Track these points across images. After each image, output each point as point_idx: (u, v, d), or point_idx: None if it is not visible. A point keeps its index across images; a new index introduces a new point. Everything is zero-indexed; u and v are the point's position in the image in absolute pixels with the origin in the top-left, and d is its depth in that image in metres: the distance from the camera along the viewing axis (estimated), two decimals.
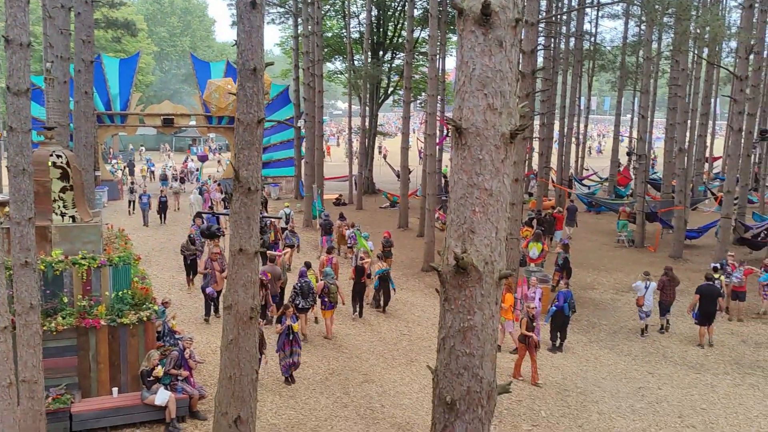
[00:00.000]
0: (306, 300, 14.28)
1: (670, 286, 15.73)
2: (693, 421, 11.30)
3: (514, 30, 3.94)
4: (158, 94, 71.65)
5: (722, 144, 47.55)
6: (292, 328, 12.08)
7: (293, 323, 12.17)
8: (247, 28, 7.51)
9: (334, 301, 14.76)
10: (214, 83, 32.12)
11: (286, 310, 12.37)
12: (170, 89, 78.90)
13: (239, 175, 7.92)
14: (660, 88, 45.83)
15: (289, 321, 12.13)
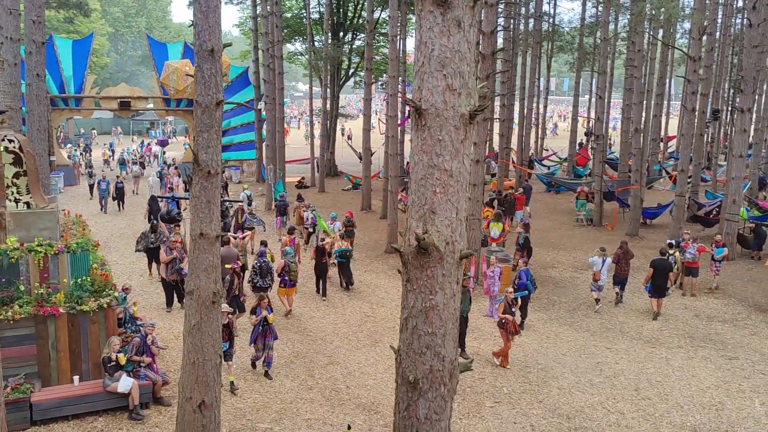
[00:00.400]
0: (264, 279, 14.56)
1: (625, 260, 16.38)
2: (648, 393, 11.66)
3: (472, 10, 3.96)
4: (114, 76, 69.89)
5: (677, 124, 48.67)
6: (267, 320, 11.68)
7: (268, 314, 11.73)
8: (203, 8, 7.37)
9: (295, 279, 15.05)
10: (172, 65, 31.42)
11: (261, 301, 11.79)
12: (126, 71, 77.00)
13: (199, 159, 7.81)
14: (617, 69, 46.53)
15: (264, 312, 11.67)
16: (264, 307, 11.75)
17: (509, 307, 12.75)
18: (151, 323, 11.47)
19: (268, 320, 11.71)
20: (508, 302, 12.81)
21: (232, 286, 13.90)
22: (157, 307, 15.38)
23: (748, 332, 14.88)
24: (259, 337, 11.76)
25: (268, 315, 11.71)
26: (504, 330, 12.60)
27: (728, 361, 13.17)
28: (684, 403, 11.34)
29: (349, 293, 17.05)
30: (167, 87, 31.89)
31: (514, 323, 12.64)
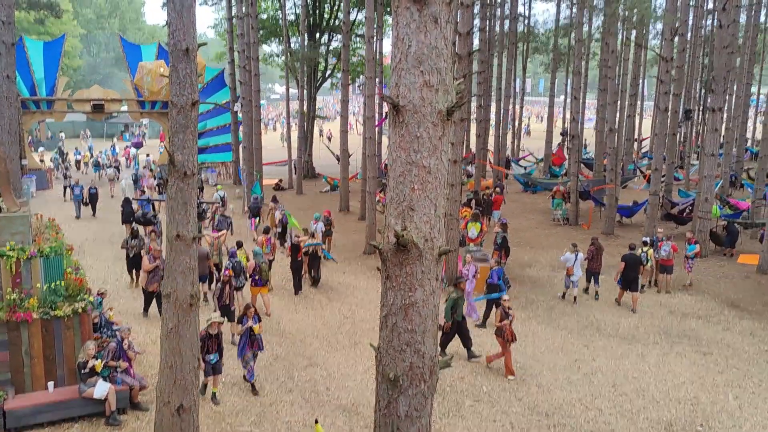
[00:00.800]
0: (237, 279, 14.65)
1: (597, 255, 16.96)
2: (625, 390, 11.79)
3: (449, 7, 3.97)
4: (87, 78, 68.94)
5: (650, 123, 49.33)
6: (252, 330, 11.22)
7: (254, 324, 11.26)
8: (177, 7, 7.30)
9: (266, 278, 15.12)
10: (146, 66, 31.16)
11: (248, 311, 11.31)
12: (100, 74, 75.99)
13: (174, 160, 7.73)
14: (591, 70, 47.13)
15: (250, 322, 11.21)
16: (251, 317, 11.28)
17: (505, 314, 12.38)
18: (127, 327, 11.32)
19: (254, 330, 11.22)
20: (505, 310, 12.47)
21: (222, 294, 13.50)
22: (134, 312, 15.18)
23: (721, 328, 15.12)
24: (247, 347, 11.33)
25: (254, 325, 11.24)
26: (501, 338, 12.31)
27: (702, 357, 13.38)
28: (660, 398, 11.49)
29: (328, 295, 17.01)
30: (141, 89, 31.63)
31: (511, 330, 12.29)
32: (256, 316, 11.46)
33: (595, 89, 31.05)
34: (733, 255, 21.07)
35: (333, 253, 20.16)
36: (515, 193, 33.02)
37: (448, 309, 12.74)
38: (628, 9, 21.63)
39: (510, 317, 12.40)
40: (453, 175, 17.95)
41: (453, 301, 12.86)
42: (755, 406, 11.23)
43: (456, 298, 12.95)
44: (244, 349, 11.31)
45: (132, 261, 17.01)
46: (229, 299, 13.55)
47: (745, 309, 16.42)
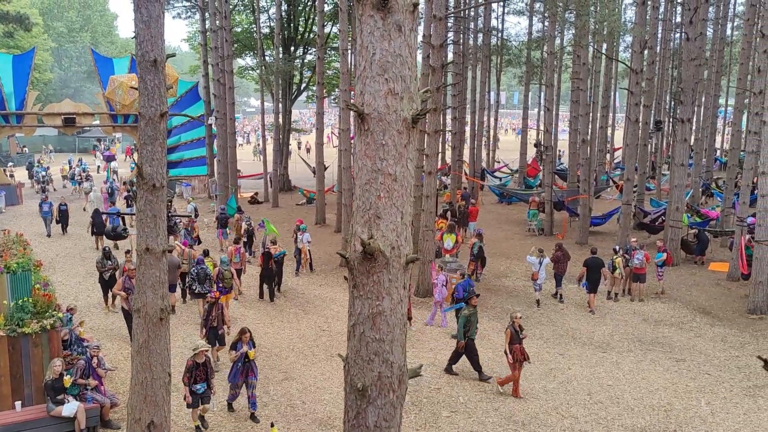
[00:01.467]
0: (202, 286, 14.85)
1: (563, 260, 17.65)
2: (601, 398, 11.86)
3: (413, 15, 3.98)
4: (58, 92, 68.10)
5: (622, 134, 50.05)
6: (247, 356, 10.65)
7: (249, 350, 10.68)
8: (145, 18, 7.24)
9: (228, 286, 15.35)
10: (117, 79, 30.85)
11: (242, 336, 10.74)
12: (71, 87, 75.15)
13: (143, 172, 7.64)
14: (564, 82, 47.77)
15: (245, 347, 10.65)
16: (245, 342, 10.70)
17: (517, 335, 11.72)
18: (96, 345, 11.10)
19: (249, 356, 10.67)
20: (515, 329, 11.76)
21: (209, 316, 12.76)
22: (105, 328, 14.94)
23: (693, 334, 15.31)
24: (240, 375, 10.75)
25: (249, 351, 10.68)
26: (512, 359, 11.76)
27: (675, 363, 13.51)
28: (634, 405, 11.57)
29: (304, 307, 16.91)
30: (113, 102, 31.32)
31: (522, 350, 11.67)
32: (251, 341, 10.87)
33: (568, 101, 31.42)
34: (704, 263, 21.39)
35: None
36: (491, 204, 33.22)
37: (461, 327, 12.42)
38: (598, 22, 21.99)
39: (522, 336, 11.81)
40: (428, 186, 18.04)
41: (465, 319, 12.46)
42: (727, 411, 11.35)
43: (468, 315, 12.52)
44: (237, 375, 10.76)
45: (107, 284, 16.03)
46: (217, 321, 12.81)
47: (716, 316, 16.66)
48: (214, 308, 12.78)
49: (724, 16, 36.65)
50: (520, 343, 11.68)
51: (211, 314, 12.75)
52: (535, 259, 17.14)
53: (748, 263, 17.95)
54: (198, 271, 14.93)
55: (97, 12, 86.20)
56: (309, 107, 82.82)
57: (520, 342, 11.71)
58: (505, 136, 77.61)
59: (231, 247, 18.16)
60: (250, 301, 17.24)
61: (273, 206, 31.98)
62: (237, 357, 10.67)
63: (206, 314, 12.84)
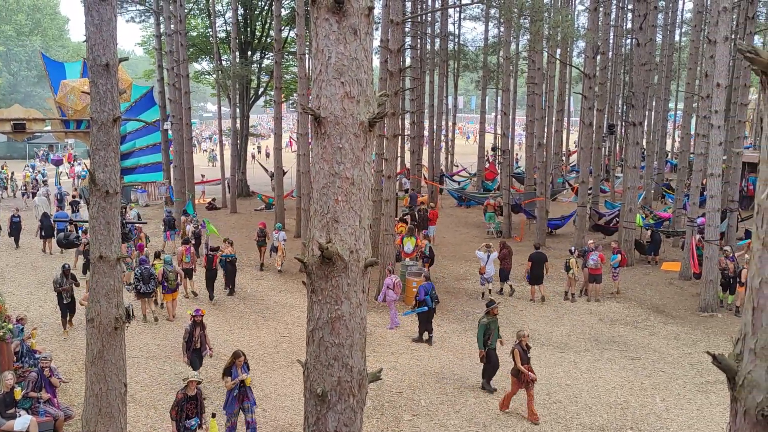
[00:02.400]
0: (147, 285, 15.33)
1: (509, 257, 18.50)
2: (559, 397, 12.04)
3: (368, 18, 3.99)
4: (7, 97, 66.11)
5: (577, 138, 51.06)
6: (244, 382, 9.90)
7: (246, 375, 9.94)
8: (96, 21, 7.08)
9: (173, 286, 15.78)
10: (69, 84, 30.07)
11: (236, 360, 9.95)
12: (21, 92, 72.97)
13: (95, 178, 7.46)
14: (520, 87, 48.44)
15: (241, 374, 9.86)
16: (239, 366, 9.94)
17: (524, 354, 11.11)
18: (45, 356, 10.77)
19: (245, 383, 9.93)
20: (523, 348, 11.16)
21: (192, 336, 11.85)
22: (59, 338, 14.51)
23: (647, 333, 15.68)
24: (236, 402, 9.93)
25: (245, 377, 9.93)
26: (517, 378, 11.13)
27: (631, 362, 13.81)
28: (592, 403, 11.78)
29: (264, 314, 16.73)
30: (65, 107, 30.53)
31: (530, 370, 11.06)
32: (246, 364, 10.11)
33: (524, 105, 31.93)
34: (657, 263, 21.95)
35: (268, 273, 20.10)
36: (449, 208, 33.47)
37: (480, 336, 12.03)
38: (552, 28, 22.38)
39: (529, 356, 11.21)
40: (388, 190, 18.08)
41: (484, 327, 12.03)
42: (681, 407, 11.65)
43: (487, 323, 12.06)
44: (233, 404, 9.93)
45: (66, 307, 14.90)
46: (200, 342, 12.00)
47: (669, 314, 17.09)
48: (196, 328, 11.87)
49: (672, 22, 37.78)
50: (528, 363, 11.10)
51: (194, 335, 11.86)
52: (483, 254, 17.94)
53: (699, 263, 18.48)
54: (142, 271, 15.31)
55: (48, 15, 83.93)
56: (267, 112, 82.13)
57: (528, 361, 11.13)
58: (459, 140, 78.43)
59: (182, 248, 18.23)
60: (209, 309, 16.98)
61: (231, 212, 31.58)
62: (233, 385, 9.83)
63: (188, 335, 11.89)
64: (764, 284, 2.47)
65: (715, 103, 16.78)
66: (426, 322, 14.76)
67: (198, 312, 12.15)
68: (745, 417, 2.54)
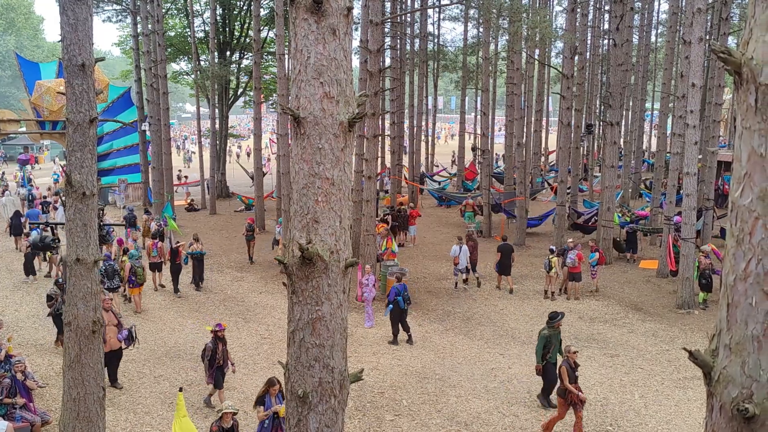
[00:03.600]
0: (111, 281, 15.61)
1: (475, 249, 19.75)
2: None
3: (347, 18, 3.99)
4: None
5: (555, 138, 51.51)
6: (277, 414, 9.00)
7: (280, 407, 8.91)
8: (71, 20, 7.00)
9: (141, 280, 16.33)
10: (44, 85, 29.71)
11: (271, 388, 9.13)
12: None
13: (72, 180, 7.38)
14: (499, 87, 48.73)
15: (275, 405, 9.03)
16: (274, 395, 9.12)
17: (572, 371, 10.34)
18: (19, 360, 10.59)
19: (279, 414, 8.95)
20: (571, 365, 10.38)
21: (215, 354, 11.14)
22: (35, 342, 14.31)
23: (626, 330, 15.85)
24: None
25: (280, 408, 8.91)
26: (564, 399, 10.35)
27: (610, 359, 13.95)
28: None
29: (244, 315, 16.64)
30: (40, 108, 30.16)
31: (579, 393, 10.24)
32: (280, 393, 9.07)
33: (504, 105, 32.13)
34: (635, 260, 22.21)
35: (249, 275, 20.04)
36: (430, 208, 33.56)
37: (540, 349, 11.40)
38: (530, 29, 22.57)
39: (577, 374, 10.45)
40: (368, 190, 18.08)
41: (545, 339, 11.38)
42: (659, 403, 11.79)
43: (548, 335, 11.40)
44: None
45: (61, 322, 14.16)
46: (223, 359, 11.23)
47: (647, 312, 17.29)
48: (219, 343, 11.19)
49: (648, 23, 38.27)
50: (575, 381, 10.34)
51: (217, 351, 11.16)
52: (456, 247, 19.08)
53: (675, 260, 18.73)
54: (106, 267, 15.54)
55: (22, 14, 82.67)
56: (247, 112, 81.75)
57: (576, 380, 10.38)
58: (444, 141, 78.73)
59: (149, 242, 19.20)
60: (189, 311, 16.87)
61: (211, 213, 31.38)
62: (266, 416, 9.05)
63: (211, 352, 11.09)
64: (738, 281, 2.51)
65: (690, 103, 17.02)
66: (397, 322, 14.77)
67: (220, 327, 11.35)
68: (721, 412, 2.58)
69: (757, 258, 2.44)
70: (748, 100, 2.47)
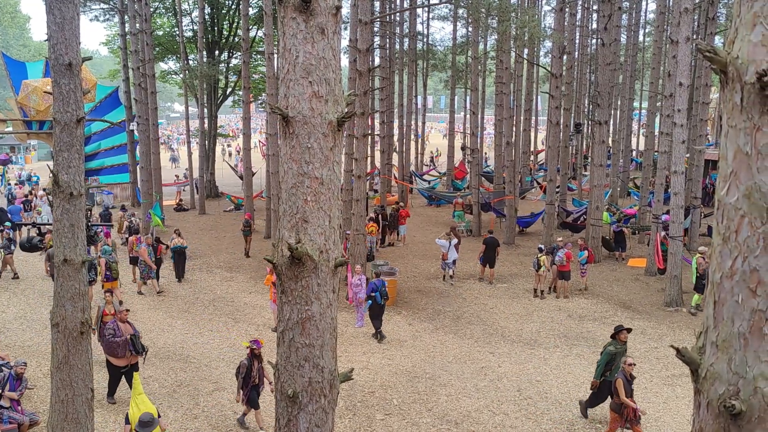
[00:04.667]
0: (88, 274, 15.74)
1: (457, 245, 19.98)
2: (530, 393, 12.16)
3: (335, 17, 3.98)
4: None
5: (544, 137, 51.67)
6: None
7: None
8: (58, 19, 6.94)
9: (116, 275, 16.86)
10: (31, 84, 29.47)
11: None
12: None
13: (59, 180, 7.32)
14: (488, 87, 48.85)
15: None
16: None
17: (628, 384, 9.76)
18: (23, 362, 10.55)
19: None
20: (626, 377, 9.82)
21: (250, 371, 10.49)
22: (23, 345, 14.19)
23: None
24: None
25: None
26: (619, 415, 9.80)
27: (599, 357, 13.99)
28: (562, 399, 11.92)
29: (234, 315, 16.60)
30: (27, 108, 29.93)
31: (635, 408, 9.66)
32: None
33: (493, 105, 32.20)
34: (624, 258, 22.33)
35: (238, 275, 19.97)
36: (420, 207, 33.59)
37: (602, 365, 10.80)
38: (519, 28, 22.61)
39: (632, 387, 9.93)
40: (358, 190, 18.06)
41: (609, 356, 10.76)
42: (648, 400, 11.86)
43: (614, 352, 10.76)
44: None
45: None
46: (259, 377, 10.63)
47: (635, 309, 17.40)
48: (255, 361, 10.54)
49: (636, 23, 38.47)
50: (631, 395, 9.81)
51: (252, 369, 10.54)
52: (444, 242, 19.39)
53: (663, 258, 18.84)
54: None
55: (8, 14, 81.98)
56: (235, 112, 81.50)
57: (632, 393, 9.86)
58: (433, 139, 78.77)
59: (132, 238, 19.69)
60: (178, 312, 16.80)
61: (200, 213, 31.25)
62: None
63: (246, 369, 10.48)
64: (725, 278, 2.53)
65: (678, 102, 17.13)
66: (376, 317, 15.00)
67: (257, 344, 10.68)
68: (708, 408, 2.60)
69: (743, 256, 2.46)
70: (733, 99, 2.49)
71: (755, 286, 2.43)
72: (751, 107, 2.41)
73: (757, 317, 2.44)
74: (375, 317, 15.00)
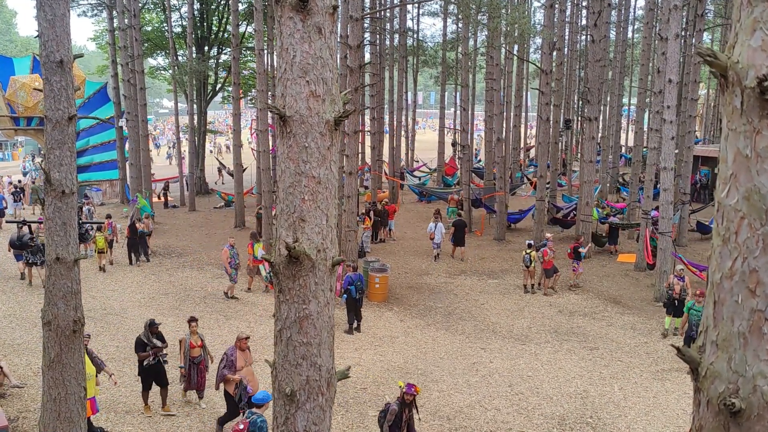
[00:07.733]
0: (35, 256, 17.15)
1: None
2: (521, 389, 12.23)
3: (332, 17, 3.98)
4: None
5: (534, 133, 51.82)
6: None
7: None
8: (49, 16, 6.89)
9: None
10: (19, 80, 29.16)
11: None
12: None
13: (51, 178, 7.27)
14: (478, 83, 48.90)
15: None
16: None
17: None
18: None
19: None
20: None
21: (400, 420, 8.90)
22: (13, 342, 14.09)
23: (605, 323, 16.04)
24: None
25: None
26: None
27: (590, 352, 14.12)
28: (553, 394, 12.00)
29: (225, 313, 16.55)
30: (14, 104, 29.63)
31: None
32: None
33: (483, 101, 32.25)
34: (616, 252, 22.49)
35: None
36: (410, 203, 33.62)
37: None
38: (509, 24, 22.66)
39: None
40: (349, 186, 18.06)
41: None
42: (638, 395, 11.96)
43: None
44: None
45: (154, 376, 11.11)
46: (408, 428, 9.09)
47: (625, 305, 17.52)
48: (406, 409, 9.02)
49: (625, 19, 38.61)
50: None
51: (403, 415, 9.00)
52: (432, 225, 21.57)
53: (653, 254, 18.97)
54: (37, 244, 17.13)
55: None
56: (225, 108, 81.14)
57: None
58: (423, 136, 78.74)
59: (105, 221, 20.80)
60: (169, 309, 16.73)
61: (190, 210, 31.11)
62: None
63: (395, 416, 8.93)
64: (724, 279, 2.56)
65: (667, 99, 17.23)
66: (351, 311, 15.18)
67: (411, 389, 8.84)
68: (708, 406, 2.63)
69: (743, 256, 2.49)
70: (733, 103, 2.52)
71: (754, 286, 2.47)
72: (751, 111, 2.44)
73: (757, 317, 2.48)
74: (350, 311, 15.20)
